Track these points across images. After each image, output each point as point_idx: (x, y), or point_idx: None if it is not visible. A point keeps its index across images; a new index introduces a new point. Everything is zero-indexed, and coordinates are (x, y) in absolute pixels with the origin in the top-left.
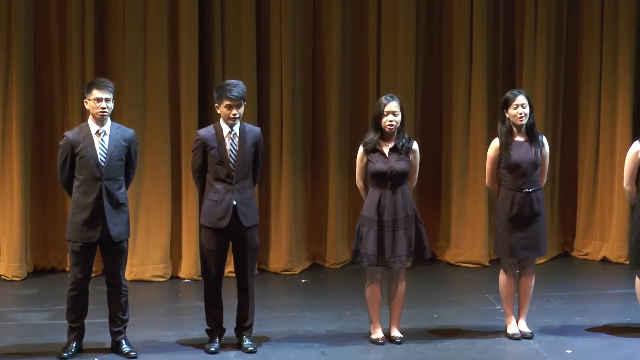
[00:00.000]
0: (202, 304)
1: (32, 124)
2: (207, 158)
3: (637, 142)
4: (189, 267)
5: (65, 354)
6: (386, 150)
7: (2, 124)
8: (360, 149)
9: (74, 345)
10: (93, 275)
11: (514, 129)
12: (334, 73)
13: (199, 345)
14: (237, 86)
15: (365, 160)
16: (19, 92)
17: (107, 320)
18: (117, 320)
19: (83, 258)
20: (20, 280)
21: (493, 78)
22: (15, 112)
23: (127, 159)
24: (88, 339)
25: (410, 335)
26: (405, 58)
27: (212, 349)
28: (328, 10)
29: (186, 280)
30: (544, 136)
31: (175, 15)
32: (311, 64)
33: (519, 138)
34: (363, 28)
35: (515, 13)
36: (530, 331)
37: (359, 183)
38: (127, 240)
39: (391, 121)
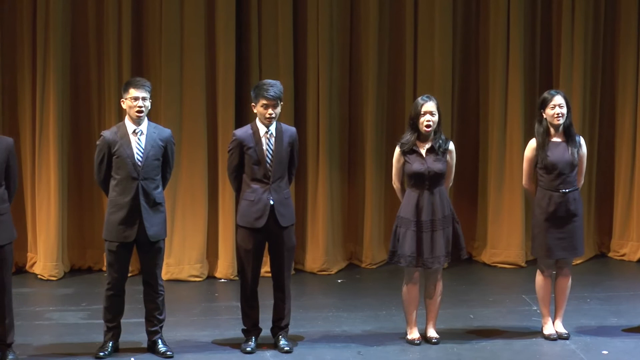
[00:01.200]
0: (239, 304)
1: (69, 123)
2: (244, 158)
3: None
4: (225, 266)
5: (101, 354)
6: (423, 151)
7: (40, 123)
8: (397, 149)
9: (110, 344)
10: (130, 274)
11: (551, 129)
12: (370, 73)
13: (235, 345)
14: (274, 86)
15: (402, 161)
16: (56, 91)
17: (144, 319)
18: (154, 320)
19: (120, 257)
20: (57, 280)
21: (530, 78)
22: (52, 112)
23: (163, 159)
24: (124, 338)
25: (447, 335)
26: (442, 58)
27: (249, 349)
28: (365, 10)
29: (222, 280)
30: (581, 137)
31: (212, 13)
32: (348, 63)
33: (556, 138)
34: (400, 28)
35: (552, 13)
36: (567, 332)
37: (395, 184)
38: (163, 239)
39: (428, 121)
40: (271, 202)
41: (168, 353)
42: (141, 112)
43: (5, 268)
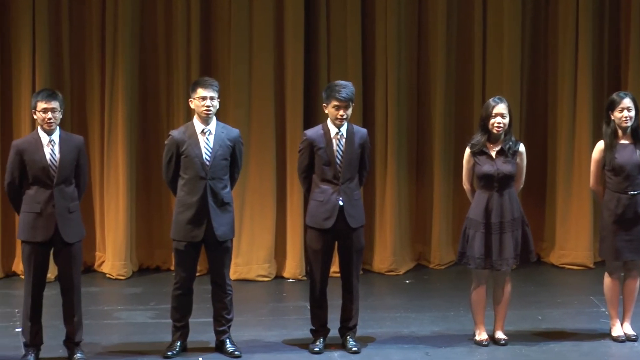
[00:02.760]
0: (307, 304)
1: (137, 123)
2: (314, 158)
3: None
4: (294, 267)
5: (169, 353)
6: (493, 152)
7: (108, 123)
8: (467, 150)
9: (178, 344)
10: (198, 274)
11: (619, 131)
12: (439, 74)
13: (303, 345)
14: (347, 87)
15: (472, 162)
16: (124, 91)
17: (212, 319)
18: (222, 320)
19: (188, 257)
20: (125, 279)
21: (598, 80)
22: (121, 112)
23: (232, 159)
24: (192, 338)
25: (515, 337)
26: (510, 59)
27: (317, 349)
28: (433, 11)
29: (290, 280)
30: None
31: (281, 14)
32: (416, 64)
33: (623, 140)
34: (468, 29)
35: (620, 14)
36: (635, 334)
37: (465, 185)
38: (231, 239)
39: (499, 123)
40: (340, 203)
41: (236, 353)
42: (209, 111)
43: (74, 266)
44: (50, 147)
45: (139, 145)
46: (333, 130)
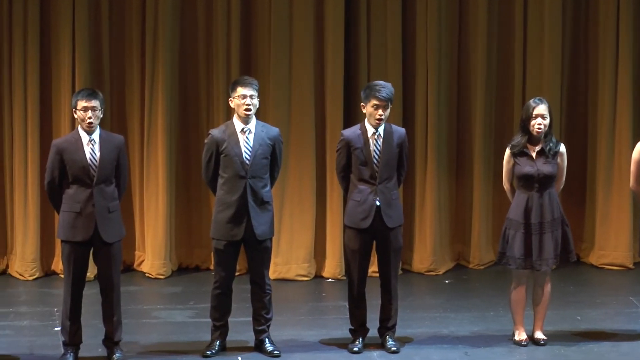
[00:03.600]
0: (346, 304)
1: (177, 122)
2: (352, 158)
3: None
4: (333, 266)
5: (208, 352)
6: (533, 153)
7: (148, 122)
8: (507, 151)
9: (217, 343)
10: (237, 273)
11: None
12: (479, 74)
13: (342, 345)
14: (386, 87)
15: (512, 162)
16: (164, 90)
17: (251, 318)
18: (261, 319)
19: (227, 256)
20: (164, 278)
21: (639, 80)
22: (160, 111)
23: (271, 158)
24: (231, 337)
25: (554, 337)
26: (551, 60)
27: (356, 349)
28: (474, 12)
29: (330, 280)
30: None
31: (321, 13)
32: (456, 65)
33: None
34: (509, 30)
35: None
36: None
37: (505, 185)
38: (271, 238)
39: (539, 124)
40: (377, 203)
41: (275, 352)
42: (249, 110)
43: (114, 266)
44: (91, 146)
45: (178, 145)
46: (370, 130)
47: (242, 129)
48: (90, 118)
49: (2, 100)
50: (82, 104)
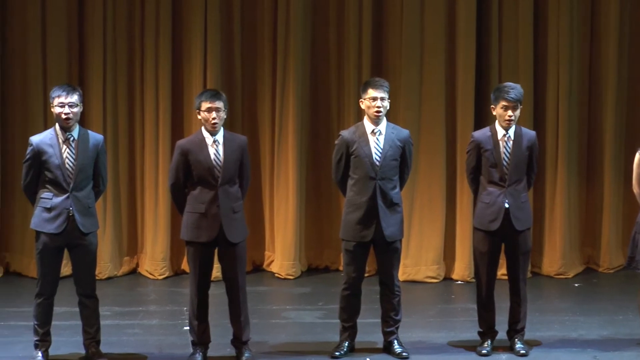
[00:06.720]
0: (475, 306)
1: (308, 123)
2: (481, 160)
3: None
4: (462, 268)
5: (337, 353)
6: None
7: (279, 123)
8: (637, 155)
9: (345, 344)
10: (366, 275)
11: None
12: (610, 76)
13: (470, 347)
14: (515, 88)
15: None
16: (295, 91)
17: (380, 320)
18: (390, 321)
19: (357, 257)
20: (294, 279)
21: None
22: (291, 113)
23: (401, 159)
24: (360, 338)
25: None
26: None
27: (484, 352)
28: (606, 12)
29: (459, 282)
30: None
31: (452, 15)
32: (588, 66)
33: None
34: None
35: None
36: None
37: (635, 189)
38: (400, 240)
39: None
40: (506, 206)
41: (404, 354)
42: (379, 112)
43: (239, 266)
44: (215, 147)
45: (309, 146)
46: (500, 132)
47: (373, 130)
48: (214, 119)
49: (134, 102)
50: (206, 105)
